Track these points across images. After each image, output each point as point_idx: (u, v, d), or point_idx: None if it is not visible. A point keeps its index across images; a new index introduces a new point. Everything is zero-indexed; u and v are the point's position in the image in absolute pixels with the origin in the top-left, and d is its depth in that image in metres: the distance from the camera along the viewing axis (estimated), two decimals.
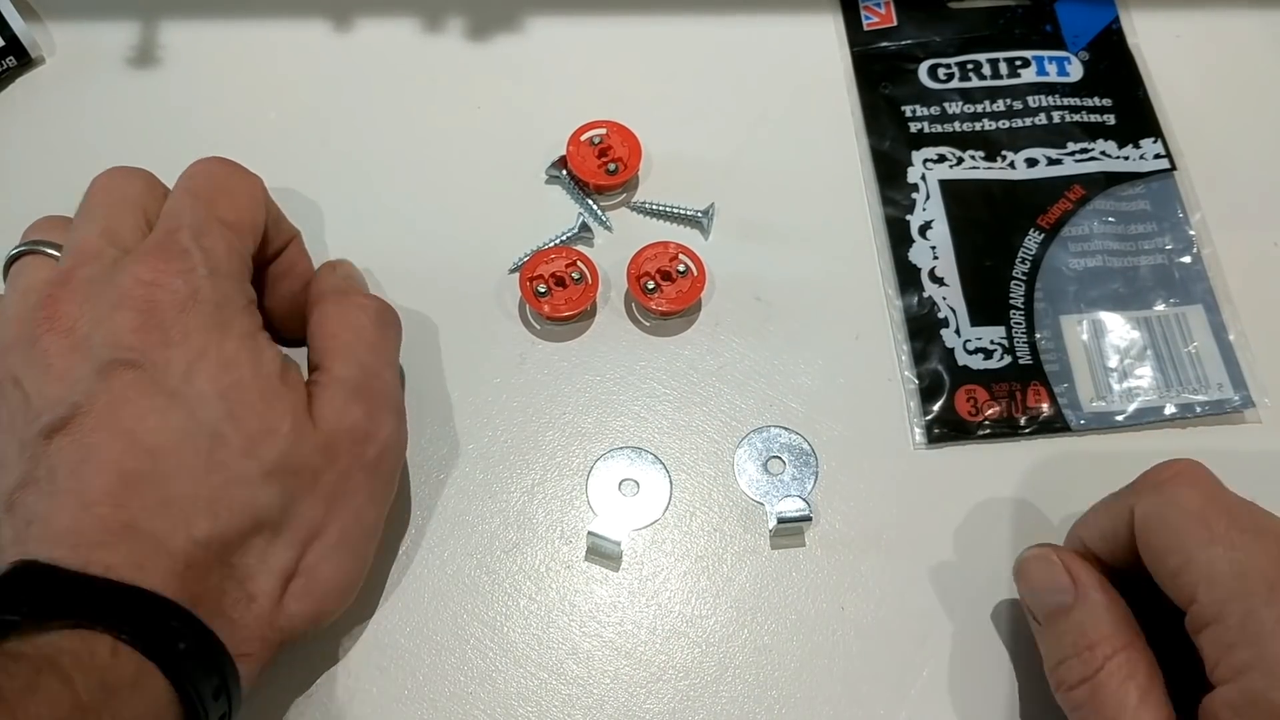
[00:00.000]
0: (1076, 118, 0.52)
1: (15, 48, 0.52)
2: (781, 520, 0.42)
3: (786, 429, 0.45)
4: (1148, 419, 0.45)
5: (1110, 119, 0.52)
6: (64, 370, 0.35)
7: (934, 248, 0.49)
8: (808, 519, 0.42)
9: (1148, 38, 0.54)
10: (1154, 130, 0.51)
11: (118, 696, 0.29)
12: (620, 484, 0.44)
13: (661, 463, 0.44)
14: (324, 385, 0.39)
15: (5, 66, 0.52)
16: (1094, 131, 0.52)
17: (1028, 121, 0.52)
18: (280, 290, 0.43)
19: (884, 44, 0.54)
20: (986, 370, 0.46)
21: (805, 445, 0.44)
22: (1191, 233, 0.49)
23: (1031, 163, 0.51)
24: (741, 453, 0.44)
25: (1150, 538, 0.34)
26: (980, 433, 0.45)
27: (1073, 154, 0.51)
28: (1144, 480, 0.36)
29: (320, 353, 0.40)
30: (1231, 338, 0.47)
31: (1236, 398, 0.45)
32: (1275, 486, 0.38)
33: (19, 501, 0.34)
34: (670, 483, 0.44)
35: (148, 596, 0.32)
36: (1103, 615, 0.35)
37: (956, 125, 0.52)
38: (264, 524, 0.35)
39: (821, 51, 0.54)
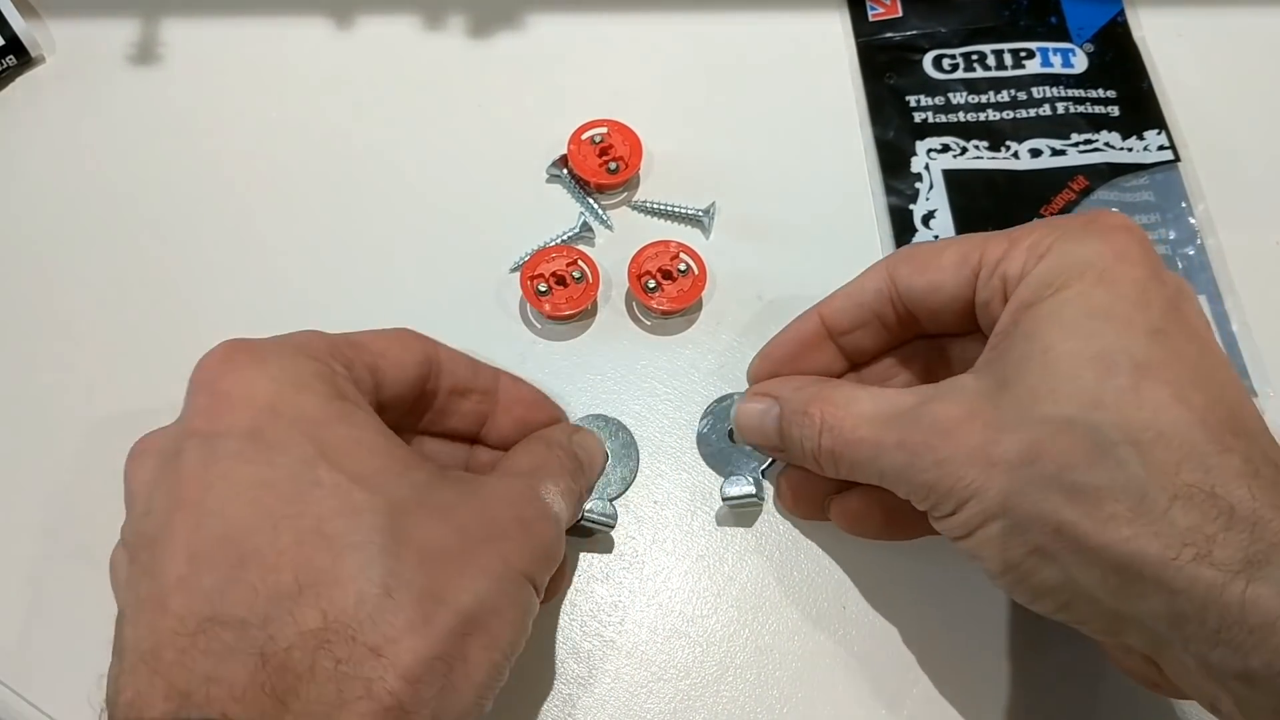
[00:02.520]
0: (1081, 109, 0.52)
1: (15, 47, 0.52)
2: (727, 499, 0.42)
3: None
4: None
5: (1114, 111, 0.52)
6: None
7: (937, 237, 0.49)
8: (752, 499, 0.42)
9: (1153, 31, 0.54)
10: (1158, 122, 0.51)
11: None
12: None
13: (619, 424, 0.45)
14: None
15: (5, 65, 0.52)
16: (1098, 123, 0.51)
17: (1032, 112, 0.52)
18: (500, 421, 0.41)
19: (889, 34, 0.54)
20: None
21: None
22: (1195, 224, 0.49)
23: (1035, 153, 0.51)
24: (704, 423, 0.45)
25: (926, 262, 0.38)
26: None
27: (1077, 145, 0.51)
28: (880, 263, 0.40)
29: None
30: (1235, 328, 0.47)
31: None
32: None
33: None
34: (635, 444, 0.44)
35: None
36: (799, 383, 0.39)
37: (961, 115, 0.52)
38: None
39: (826, 44, 0.54)
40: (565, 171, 0.50)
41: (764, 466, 0.43)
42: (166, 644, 0.29)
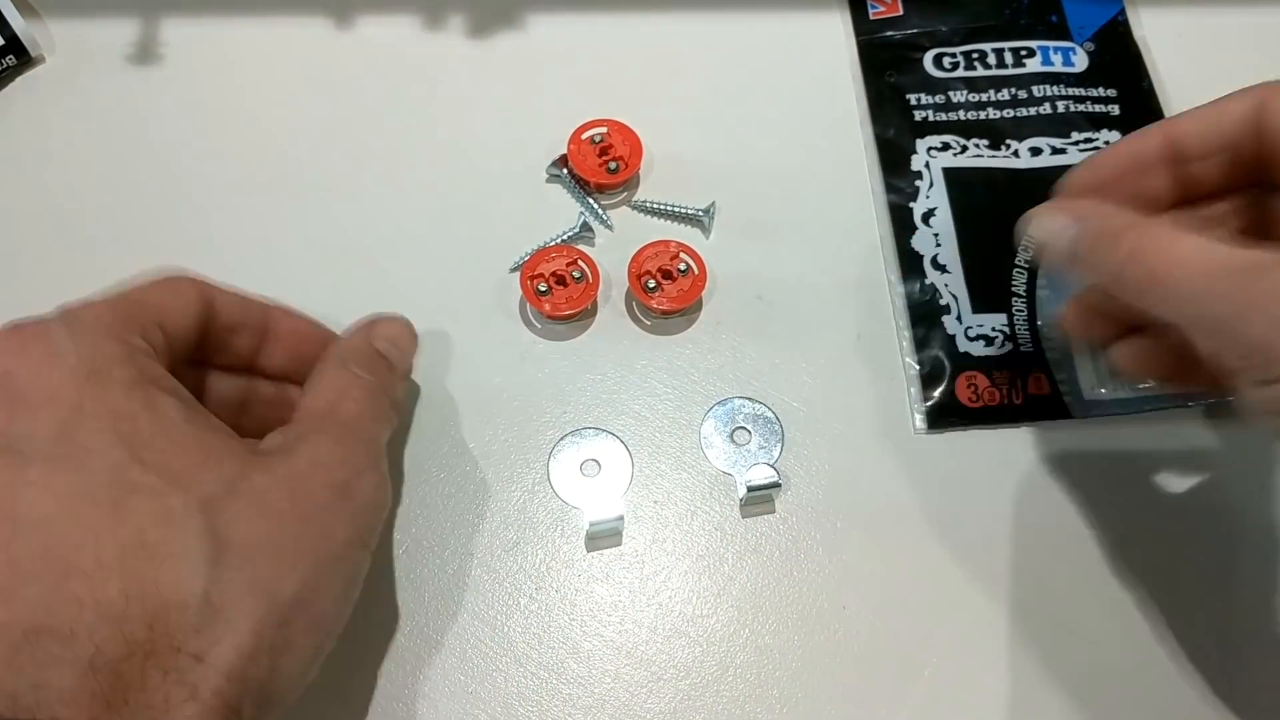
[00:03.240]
0: (1081, 108, 0.52)
1: (15, 47, 0.52)
2: (751, 489, 0.43)
3: (750, 400, 0.45)
4: (1148, 406, 0.45)
5: (1115, 109, 0.52)
6: None
7: (936, 235, 0.49)
8: (777, 485, 0.43)
9: (1153, 30, 0.54)
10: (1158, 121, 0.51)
11: None
12: (581, 465, 0.44)
13: (612, 433, 0.45)
14: (288, 427, 0.37)
15: (5, 65, 0.52)
16: (1098, 122, 0.51)
17: (1032, 111, 0.52)
18: (274, 355, 0.41)
19: (890, 33, 0.54)
20: (987, 357, 0.46)
21: (769, 414, 0.45)
22: None
23: (1035, 152, 0.51)
24: (707, 426, 0.45)
25: None
26: (981, 419, 0.45)
27: (1077, 144, 0.51)
28: (1255, 88, 0.36)
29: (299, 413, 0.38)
30: None
31: None
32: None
33: None
34: (628, 450, 0.45)
35: None
36: (1108, 210, 0.35)
37: (961, 114, 0.52)
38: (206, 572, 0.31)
39: (827, 42, 0.54)
40: (565, 171, 0.50)
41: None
42: None
